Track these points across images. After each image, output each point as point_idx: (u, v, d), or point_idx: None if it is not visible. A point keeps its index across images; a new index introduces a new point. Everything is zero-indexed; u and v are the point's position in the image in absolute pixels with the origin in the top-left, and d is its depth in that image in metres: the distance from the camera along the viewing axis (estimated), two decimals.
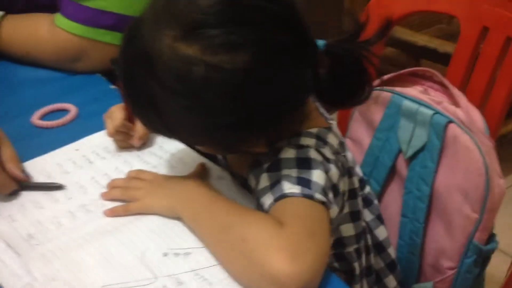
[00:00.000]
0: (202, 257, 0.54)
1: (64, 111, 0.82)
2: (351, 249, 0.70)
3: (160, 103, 0.54)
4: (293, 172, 0.55)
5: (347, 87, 0.59)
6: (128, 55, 0.56)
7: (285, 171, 0.56)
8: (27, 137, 0.77)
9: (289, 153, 0.57)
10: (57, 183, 0.65)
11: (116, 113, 0.70)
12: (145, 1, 0.68)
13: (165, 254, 0.54)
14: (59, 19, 0.89)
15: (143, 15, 0.56)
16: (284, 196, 0.53)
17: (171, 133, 0.60)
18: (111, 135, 0.71)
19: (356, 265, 0.70)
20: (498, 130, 0.78)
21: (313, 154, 0.58)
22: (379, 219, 0.76)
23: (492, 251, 0.74)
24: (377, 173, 0.84)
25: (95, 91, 0.88)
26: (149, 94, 0.54)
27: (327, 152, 0.60)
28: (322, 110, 0.69)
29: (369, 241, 0.74)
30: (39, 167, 0.69)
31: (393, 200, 0.82)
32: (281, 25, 0.53)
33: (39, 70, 0.93)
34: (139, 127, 0.70)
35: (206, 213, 0.56)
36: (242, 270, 0.50)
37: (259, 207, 0.57)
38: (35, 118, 0.80)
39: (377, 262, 0.76)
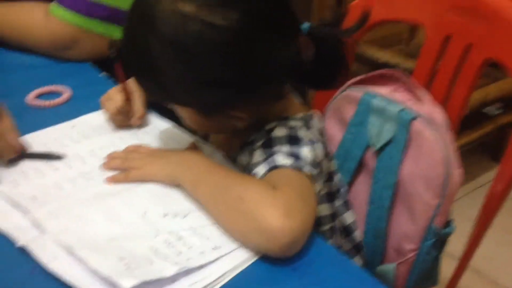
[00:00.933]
0: (199, 218, 0.59)
1: (58, 93, 0.86)
2: (326, 227, 0.76)
3: (157, 59, 0.58)
4: (285, 148, 0.62)
5: (326, 69, 0.66)
6: (133, 17, 0.61)
7: (277, 147, 0.62)
8: (22, 115, 0.79)
9: (280, 132, 0.64)
10: (56, 153, 0.69)
11: (116, 95, 0.75)
12: None
13: (165, 215, 0.59)
14: (55, 8, 0.93)
15: None
16: (276, 167, 0.59)
17: (165, 93, 0.63)
18: (113, 115, 0.75)
19: (330, 243, 0.77)
20: (458, 125, 0.87)
21: (301, 133, 0.64)
22: (347, 205, 0.84)
23: (449, 234, 0.82)
24: (347, 165, 0.91)
25: (87, 76, 0.92)
26: (147, 52, 0.58)
27: (313, 133, 0.67)
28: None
29: (339, 224, 0.81)
30: (38, 141, 0.72)
31: (362, 190, 0.90)
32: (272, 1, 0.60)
33: (31, 56, 0.97)
34: (137, 107, 0.76)
35: (205, 178, 0.61)
36: (240, 226, 0.55)
37: None
38: (31, 98, 0.83)
39: (344, 244, 0.83)
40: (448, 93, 0.86)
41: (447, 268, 0.89)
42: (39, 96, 0.85)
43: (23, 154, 0.68)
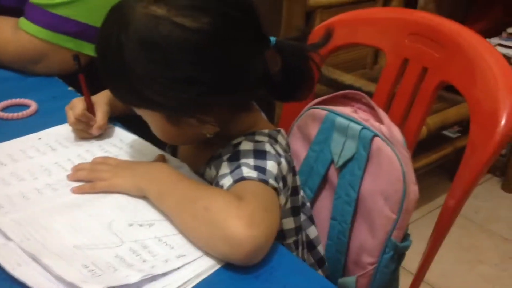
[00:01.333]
0: (165, 227, 0.60)
1: (25, 106, 0.86)
2: (290, 241, 0.78)
3: (130, 60, 0.60)
4: (251, 161, 0.64)
5: (292, 82, 0.69)
6: (108, 22, 0.63)
7: (244, 160, 0.64)
8: None
9: (247, 146, 0.66)
10: None
11: (77, 104, 0.77)
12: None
13: (130, 225, 0.60)
14: (24, 22, 0.94)
15: None
16: (242, 178, 0.61)
17: (137, 95, 0.63)
18: (72, 124, 0.77)
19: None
20: (415, 145, 0.91)
21: (267, 147, 0.67)
22: (311, 220, 0.86)
23: (406, 248, 0.85)
24: (311, 181, 0.94)
25: (54, 90, 0.93)
26: (121, 53, 0.60)
27: (278, 148, 0.69)
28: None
29: (303, 238, 0.83)
30: (3, 152, 0.73)
31: (324, 206, 0.92)
32: (241, 7, 0.63)
33: None
34: (98, 118, 0.77)
35: (171, 189, 0.62)
36: (205, 235, 0.57)
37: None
38: None
39: (308, 258, 0.85)
40: (405, 114, 0.90)
41: (405, 286, 0.92)
42: (6, 108, 0.85)
43: None
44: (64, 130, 0.79)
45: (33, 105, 0.86)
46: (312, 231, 0.85)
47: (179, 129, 0.67)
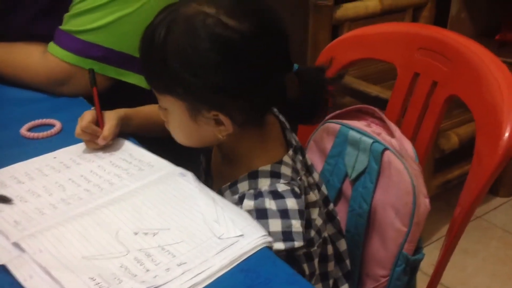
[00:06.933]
0: (167, 237, 0.63)
1: (50, 125, 0.92)
2: (313, 249, 0.80)
3: (169, 49, 0.67)
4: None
5: (307, 106, 0.74)
6: (160, 13, 0.70)
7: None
8: (15, 146, 0.86)
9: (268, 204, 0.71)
10: (6, 196, 0.71)
11: (86, 116, 0.82)
12: (132, 38, 0.79)
13: (136, 233, 0.64)
14: (53, 47, 1.00)
15: None
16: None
17: (169, 78, 0.69)
18: (78, 135, 0.82)
19: (305, 266, 0.80)
20: (426, 158, 0.91)
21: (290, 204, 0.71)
22: (340, 233, 0.87)
23: (418, 261, 0.85)
24: (328, 195, 0.95)
25: (78, 110, 0.96)
26: (165, 36, 0.67)
27: (281, 186, 0.72)
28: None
29: (330, 251, 0.84)
30: (21, 171, 0.78)
31: (341, 219, 0.94)
32: (279, 27, 0.70)
33: (27, 91, 1.03)
34: (104, 129, 0.82)
35: None
36: None
37: None
38: (24, 130, 0.89)
39: (336, 271, 0.86)
40: (417, 127, 0.91)
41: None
42: (32, 128, 0.90)
43: None
44: (78, 149, 0.83)
45: (58, 125, 0.91)
46: (341, 244, 0.87)
47: (196, 125, 0.72)
